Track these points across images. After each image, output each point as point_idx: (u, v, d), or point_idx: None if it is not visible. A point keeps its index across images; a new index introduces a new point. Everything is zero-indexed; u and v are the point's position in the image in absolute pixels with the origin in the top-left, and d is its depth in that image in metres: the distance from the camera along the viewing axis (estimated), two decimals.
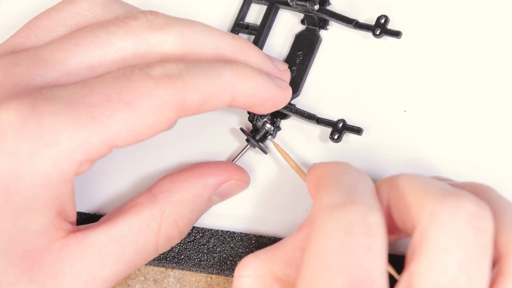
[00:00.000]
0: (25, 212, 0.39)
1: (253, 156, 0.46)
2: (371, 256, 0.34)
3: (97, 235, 0.41)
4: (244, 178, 0.45)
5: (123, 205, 0.43)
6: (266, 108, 0.43)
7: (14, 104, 0.38)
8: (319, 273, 0.34)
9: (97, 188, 0.47)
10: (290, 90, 0.44)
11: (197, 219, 0.45)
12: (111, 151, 0.39)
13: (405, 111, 0.45)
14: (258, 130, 0.46)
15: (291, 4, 0.47)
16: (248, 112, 0.46)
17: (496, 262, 0.35)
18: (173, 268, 0.46)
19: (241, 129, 0.46)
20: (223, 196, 0.45)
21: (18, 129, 0.38)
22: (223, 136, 0.47)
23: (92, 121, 0.38)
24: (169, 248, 0.44)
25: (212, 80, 0.41)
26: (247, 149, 0.46)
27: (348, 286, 0.34)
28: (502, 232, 0.35)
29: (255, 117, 0.46)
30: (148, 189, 0.44)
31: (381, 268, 0.35)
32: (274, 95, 0.43)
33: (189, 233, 0.45)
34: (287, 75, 0.46)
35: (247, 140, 0.46)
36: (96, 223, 0.42)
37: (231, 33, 0.44)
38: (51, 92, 0.39)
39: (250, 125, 0.47)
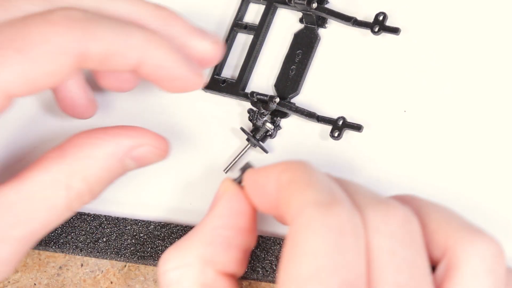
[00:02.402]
0: None
1: (253, 156, 0.46)
2: (360, 258, 0.34)
3: (6, 193, 0.40)
4: (161, 146, 0.43)
5: (33, 162, 0.42)
6: (173, 87, 0.42)
7: None
8: (312, 273, 0.33)
9: None
10: (202, 78, 0.43)
11: (111, 181, 0.43)
12: (11, 102, 0.38)
13: (405, 111, 0.45)
14: (259, 129, 0.46)
15: (289, 3, 0.47)
16: (248, 112, 0.46)
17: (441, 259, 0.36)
18: None
19: (242, 129, 0.46)
20: (139, 162, 0.43)
21: None
22: (223, 136, 0.47)
23: None
24: (80, 207, 0.42)
25: (119, 36, 0.39)
26: (248, 148, 0.46)
27: (342, 287, 0.33)
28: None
29: (255, 117, 0.46)
30: (59, 145, 0.42)
31: (365, 270, 0.34)
32: (184, 76, 0.42)
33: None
34: (218, 46, 0.44)
35: (248, 140, 0.46)
36: (6, 181, 0.41)
37: (156, 4, 0.42)
38: None
39: (250, 124, 0.46)
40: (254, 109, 0.46)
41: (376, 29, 0.46)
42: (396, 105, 0.45)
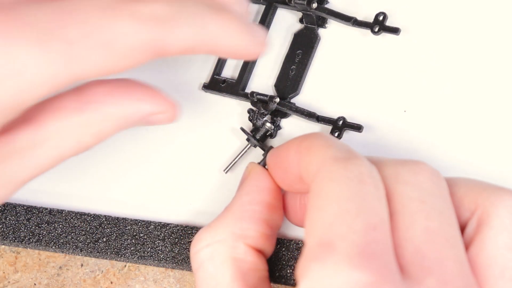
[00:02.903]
0: None
1: (254, 156, 0.46)
2: (382, 205, 0.35)
3: (21, 139, 0.40)
4: (175, 115, 0.43)
5: (48, 103, 0.41)
6: (234, 58, 0.43)
7: None
8: (338, 216, 0.34)
9: (97, 187, 0.47)
10: (265, 47, 0.42)
11: (114, 134, 0.43)
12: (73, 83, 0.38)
13: (405, 111, 0.45)
14: (258, 129, 0.46)
15: (289, 3, 0.47)
16: (248, 112, 0.46)
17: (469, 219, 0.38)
18: (173, 268, 0.46)
19: (241, 129, 0.46)
20: (148, 123, 0.43)
21: None
22: (223, 136, 0.47)
23: (64, 58, 0.37)
24: (79, 154, 0.42)
25: (197, 31, 0.39)
26: (248, 148, 0.46)
27: (367, 229, 0.34)
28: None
29: (255, 117, 0.46)
30: (78, 91, 0.41)
31: (388, 216, 0.35)
32: (252, 52, 0.42)
33: (189, 234, 0.45)
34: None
35: (248, 140, 0.46)
36: (20, 122, 0.40)
37: None
38: (26, 10, 0.37)
39: (250, 124, 0.46)
40: (254, 109, 0.46)
41: (376, 29, 0.46)
42: (396, 105, 0.45)
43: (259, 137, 0.46)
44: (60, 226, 0.47)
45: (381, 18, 0.46)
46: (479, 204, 0.37)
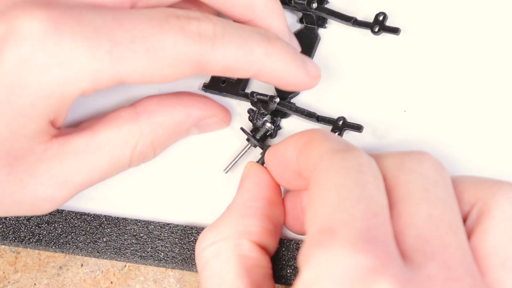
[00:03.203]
0: (21, 117, 0.40)
1: (253, 156, 0.46)
2: (381, 193, 0.36)
3: (77, 142, 0.42)
4: (226, 119, 0.46)
5: (106, 115, 0.44)
6: (287, 89, 0.44)
7: (41, 15, 0.39)
8: (338, 204, 0.35)
9: (97, 187, 0.47)
10: (319, 79, 0.44)
11: (171, 144, 0.46)
12: (116, 84, 0.41)
13: (405, 111, 0.45)
14: (259, 129, 0.46)
15: (289, 3, 0.47)
16: (248, 112, 0.46)
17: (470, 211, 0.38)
18: (173, 268, 0.46)
19: (242, 129, 0.46)
20: (202, 130, 0.46)
21: (37, 41, 0.39)
22: (223, 136, 0.47)
23: (109, 57, 0.39)
24: (140, 164, 0.45)
25: (242, 54, 0.41)
26: (248, 148, 0.46)
27: (368, 215, 0.34)
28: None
29: (255, 117, 0.46)
30: (132, 105, 0.45)
31: (387, 204, 0.36)
32: (300, 83, 0.43)
33: (188, 234, 0.45)
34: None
35: (248, 140, 0.46)
36: (77, 129, 0.43)
37: None
38: (80, 11, 0.40)
39: (250, 124, 0.46)
40: (254, 109, 0.46)
41: (376, 29, 0.46)
42: (396, 105, 0.45)
43: (259, 137, 0.46)
44: (60, 226, 0.47)
45: (381, 18, 0.46)
46: (480, 197, 0.37)
